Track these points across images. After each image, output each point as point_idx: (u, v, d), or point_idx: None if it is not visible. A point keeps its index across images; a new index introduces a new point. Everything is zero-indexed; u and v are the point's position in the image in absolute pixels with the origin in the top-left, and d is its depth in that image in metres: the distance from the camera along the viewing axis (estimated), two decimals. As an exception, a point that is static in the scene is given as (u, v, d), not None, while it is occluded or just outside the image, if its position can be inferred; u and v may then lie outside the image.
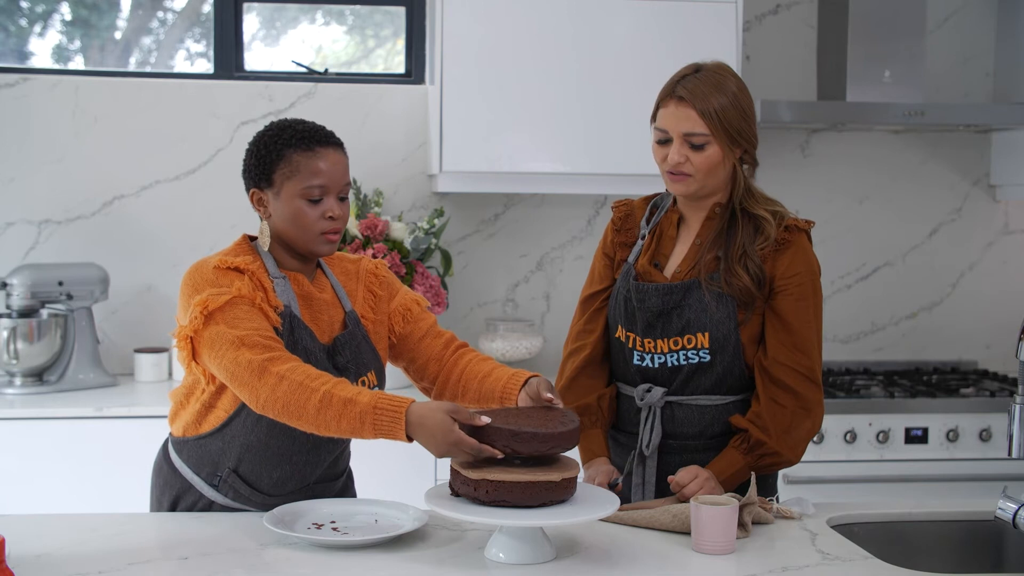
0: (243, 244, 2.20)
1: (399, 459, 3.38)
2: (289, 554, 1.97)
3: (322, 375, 1.99)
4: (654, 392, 2.32)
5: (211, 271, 2.10)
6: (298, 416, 1.98)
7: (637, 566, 1.93)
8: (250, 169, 2.16)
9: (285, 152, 2.12)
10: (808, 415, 2.27)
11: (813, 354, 2.28)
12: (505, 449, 1.89)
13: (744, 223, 2.30)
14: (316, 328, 2.17)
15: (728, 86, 2.25)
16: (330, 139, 2.17)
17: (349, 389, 1.97)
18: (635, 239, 2.41)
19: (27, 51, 3.99)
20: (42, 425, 3.28)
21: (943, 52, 4.17)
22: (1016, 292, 4.26)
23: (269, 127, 2.18)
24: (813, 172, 4.17)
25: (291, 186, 2.11)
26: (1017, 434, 2.07)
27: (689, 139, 2.24)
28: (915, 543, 2.27)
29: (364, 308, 2.28)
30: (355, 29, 4.20)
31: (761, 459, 2.25)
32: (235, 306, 2.05)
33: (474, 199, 3.99)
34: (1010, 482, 3.49)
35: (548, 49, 3.65)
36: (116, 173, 3.84)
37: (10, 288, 3.54)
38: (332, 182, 2.13)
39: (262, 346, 2.01)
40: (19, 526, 2.08)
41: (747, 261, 2.26)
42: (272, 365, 1.99)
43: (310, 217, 2.11)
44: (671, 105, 2.25)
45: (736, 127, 2.24)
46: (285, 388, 1.97)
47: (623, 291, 2.36)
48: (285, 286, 2.14)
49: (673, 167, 2.26)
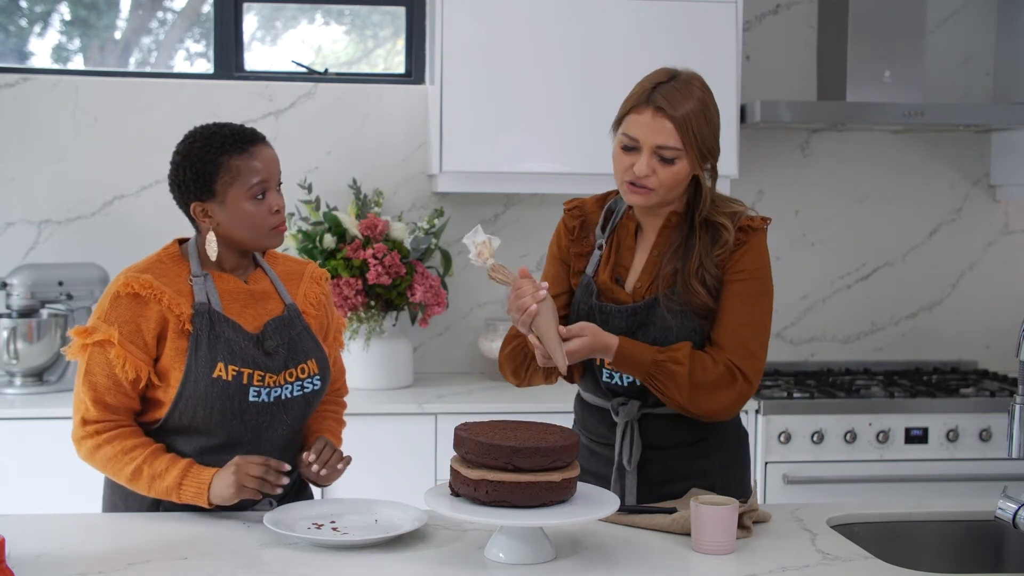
0: (171, 248, 2.28)
1: (399, 459, 3.38)
2: (289, 554, 1.97)
3: (137, 447, 2.15)
4: (630, 406, 2.27)
5: (111, 298, 2.16)
6: (115, 478, 2.19)
7: (637, 566, 1.93)
8: (185, 184, 2.19)
9: (221, 160, 2.16)
10: (732, 384, 2.18)
11: (758, 335, 2.22)
12: (507, 465, 1.89)
13: (702, 233, 2.23)
14: (243, 319, 2.22)
15: (705, 99, 2.18)
16: (256, 136, 2.21)
17: (159, 464, 2.14)
18: (591, 248, 2.33)
19: (27, 51, 3.99)
20: (42, 425, 3.28)
21: (943, 52, 4.17)
22: (1016, 292, 4.26)
23: (192, 139, 2.21)
24: (813, 172, 4.17)
25: (235, 191, 2.17)
26: (1017, 434, 2.07)
27: (660, 151, 2.15)
28: (915, 543, 2.27)
29: (305, 304, 2.33)
30: (355, 29, 4.20)
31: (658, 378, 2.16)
32: (104, 349, 2.14)
33: (474, 199, 3.99)
34: (1010, 482, 3.49)
35: (548, 49, 3.65)
36: (116, 173, 3.85)
37: (10, 288, 3.54)
38: (270, 176, 2.19)
39: (103, 405, 2.16)
40: (19, 526, 2.09)
41: (704, 274, 2.21)
42: (102, 431, 2.17)
43: (259, 216, 2.18)
44: (646, 113, 2.16)
45: (708, 143, 2.18)
46: (101, 455, 2.17)
47: (584, 307, 2.29)
48: (204, 283, 2.20)
49: (637, 179, 2.17)
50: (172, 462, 2.15)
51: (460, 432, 1.97)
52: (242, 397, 2.17)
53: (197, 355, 2.15)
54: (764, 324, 2.25)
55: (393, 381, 3.67)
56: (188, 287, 2.20)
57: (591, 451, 2.36)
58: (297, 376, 2.24)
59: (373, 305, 3.57)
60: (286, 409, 2.23)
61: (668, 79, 2.18)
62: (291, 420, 2.25)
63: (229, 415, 2.17)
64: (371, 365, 3.61)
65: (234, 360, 2.17)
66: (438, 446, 3.41)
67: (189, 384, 2.14)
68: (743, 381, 2.19)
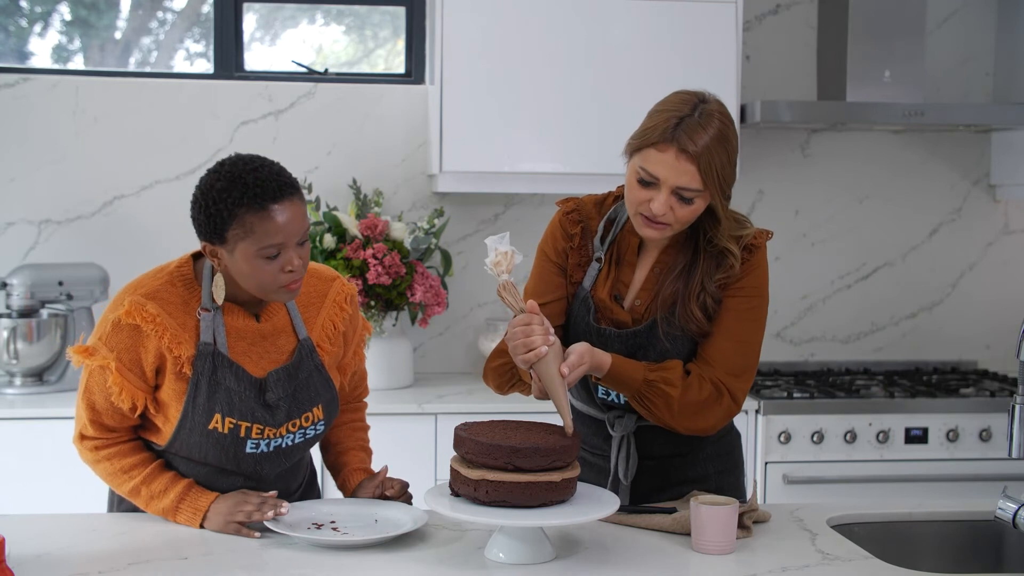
0: (185, 267, 2.14)
1: (399, 459, 3.38)
2: (289, 554, 1.97)
3: (135, 467, 2.14)
4: (626, 419, 2.25)
5: (112, 324, 2.07)
6: (115, 491, 2.21)
7: (637, 566, 1.93)
8: (199, 222, 2.04)
9: (237, 212, 1.98)
10: (719, 402, 2.16)
11: (749, 355, 2.19)
12: (507, 465, 1.89)
13: (706, 256, 2.17)
14: (248, 361, 2.11)
15: (730, 137, 2.07)
16: (283, 191, 2.00)
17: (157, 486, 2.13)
18: (589, 259, 2.25)
19: (27, 51, 3.99)
20: (42, 425, 3.28)
21: (943, 52, 4.17)
22: (1016, 292, 4.26)
23: (217, 177, 2.01)
24: (813, 172, 4.17)
25: (245, 246, 2.00)
26: (1017, 434, 2.07)
27: (680, 191, 2.06)
28: (915, 543, 2.27)
29: (321, 337, 2.20)
30: (355, 29, 4.19)
31: (649, 398, 2.13)
32: (103, 373, 2.08)
33: (474, 199, 3.99)
34: (1010, 482, 3.49)
35: (548, 49, 3.65)
36: (116, 173, 3.85)
37: (10, 288, 3.54)
38: (289, 237, 2.01)
39: (100, 425, 2.14)
40: (19, 526, 2.09)
41: (705, 298, 2.16)
42: (100, 447, 2.16)
43: (268, 273, 2.02)
44: (669, 153, 2.04)
45: (729, 182, 2.10)
46: (100, 469, 2.18)
47: (582, 324, 2.22)
48: (213, 320, 2.08)
49: (654, 216, 2.09)
50: (171, 483, 2.13)
51: (460, 432, 1.97)
52: (238, 448, 2.11)
53: (195, 403, 2.07)
54: (755, 342, 2.20)
55: (393, 381, 3.67)
56: (195, 321, 2.08)
57: (584, 460, 2.32)
58: (300, 425, 2.17)
59: (373, 305, 3.57)
60: (287, 455, 2.19)
61: (692, 111, 2.05)
62: (292, 461, 2.23)
63: (225, 462, 2.13)
64: (371, 365, 3.60)
65: (232, 412, 2.09)
66: (438, 446, 3.41)
67: (184, 429, 2.09)
68: (729, 399, 2.17)
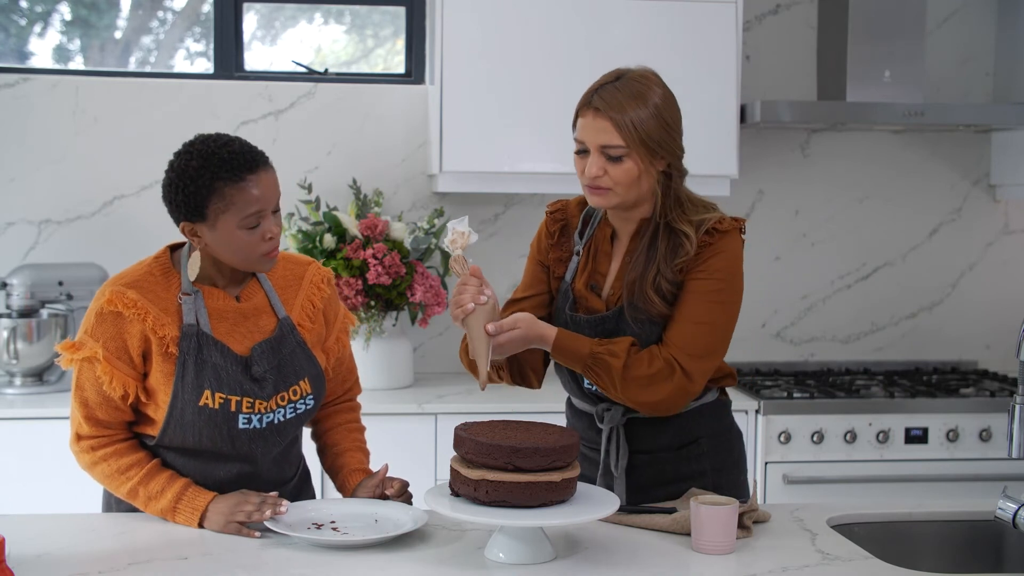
0: (163, 256, 2.19)
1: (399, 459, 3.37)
2: (289, 554, 1.97)
3: (132, 467, 2.15)
4: (614, 411, 2.26)
5: (95, 314, 2.11)
6: (114, 493, 2.20)
7: (637, 566, 1.93)
8: (176, 203, 2.09)
9: (215, 185, 2.04)
10: (670, 378, 2.15)
11: (712, 337, 2.18)
12: (507, 465, 1.89)
13: (663, 240, 2.19)
14: (232, 339, 2.16)
15: (650, 96, 2.14)
16: (257, 162, 2.09)
17: (154, 486, 2.13)
18: (570, 253, 2.33)
19: (27, 51, 3.99)
20: (42, 425, 3.28)
21: (943, 52, 4.17)
22: (1016, 292, 4.26)
23: (189, 155, 2.08)
24: (813, 172, 4.17)
25: (227, 219, 2.06)
26: (1017, 434, 2.07)
27: (606, 151, 2.15)
28: (915, 543, 2.27)
29: (301, 316, 2.25)
30: (355, 29, 4.20)
31: (595, 370, 2.15)
32: (91, 365, 2.10)
33: (474, 199, 3.99)
34: (1010, 482, 3.49)
35: (548, 49, 3.65)
36: (116, 173, 3.85)
37: (10, 288, 3.54)
38: (266, 205, 2.08)
39: (95, 421, 2.15)
40: (19, 526, 2.09)
41: (661, 282, 2.18)
42: (97, 447, 2.16)
43: (250, 244, 2.09)
44: (588, 116, 2.17)
45: (656, 139, 2.14)
46: (97, 472, 2.18)
47: (561, 315, 2.29)
48: (194, 302, 2.13)
49: (591, 180, 2.17)
50: (168, 483, 2.13)
51: (460, 432, 1.97)
52: (231, 424, 2.13)
53: (184, 381, 2.10)
54: (719, 325, 2.19)
55: (393, 381, 3.67)
56: (176, 305, 2.13)
57: (581, 454, 2.33)
58: (289, 399, 2.20)
59: (373, 305, 3.57)
60: (280, 432, 2.20)
61: (613, 80, 2.17)
62: (286, 440, 2.24)
63: (219, 441, 2.14)
64: (371, 365, 3.61)
65: (221, 387, 2.12)
66: (438, 446, 3.41)
67: (176, 410, 2.11)
68: (682, 376, 2.15)
